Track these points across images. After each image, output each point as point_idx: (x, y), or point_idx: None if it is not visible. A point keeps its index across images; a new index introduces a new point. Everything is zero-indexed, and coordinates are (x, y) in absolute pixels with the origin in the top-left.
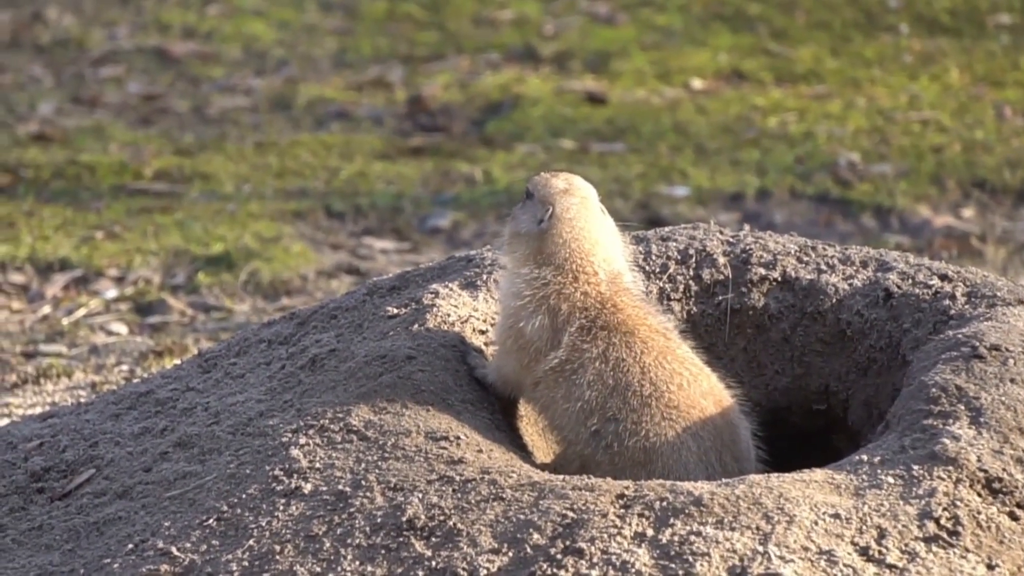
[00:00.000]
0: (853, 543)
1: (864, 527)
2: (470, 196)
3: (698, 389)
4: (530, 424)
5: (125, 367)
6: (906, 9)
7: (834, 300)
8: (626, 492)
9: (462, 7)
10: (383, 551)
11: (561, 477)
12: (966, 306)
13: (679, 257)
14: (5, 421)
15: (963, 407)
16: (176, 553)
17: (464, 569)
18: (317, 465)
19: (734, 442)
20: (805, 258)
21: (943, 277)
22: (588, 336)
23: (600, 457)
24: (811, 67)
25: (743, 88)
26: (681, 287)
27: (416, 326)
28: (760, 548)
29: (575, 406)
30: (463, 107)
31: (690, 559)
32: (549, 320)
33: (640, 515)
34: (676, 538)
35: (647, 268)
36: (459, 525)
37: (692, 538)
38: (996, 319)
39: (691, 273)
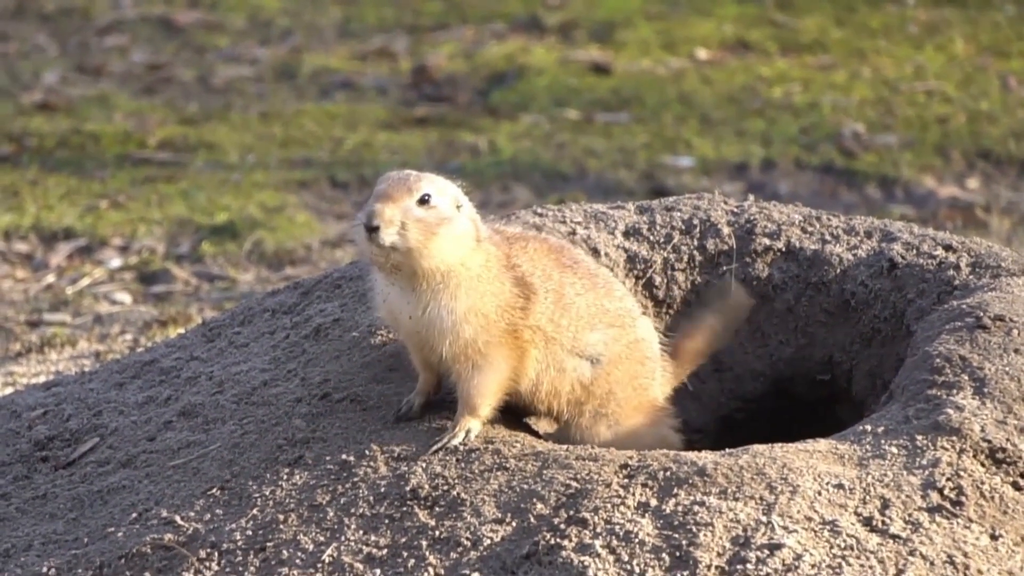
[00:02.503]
0: (856, 513)
1: (867, 497)
2: (475, 166)
3: None
4: None
5: (129, 336)
6: None
7: (838, 270)
8: (629, 462)
9: None
10: (387, 520)
11: (564, 447)
12: (970, 276)
13: (683, 227)
14: (9, 390)
15: (967, 377)
16: (180, 522)
17: (467, 539)
18: (320, 435)
19: None
20: (809, 228)
21: (947, 248)
22: (541, 273)
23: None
24: (816, 37)
25: (748, 58)
26: (685, 257)
27: None
28: (763, 518)
29: (574, 325)
30: (468, 77)
31: (693, 529)
32: (517, 277)
33: (643, 485)
34: (679, 508)
35: (651, 238)
36: (463, 495)
37: (695, 508)
38: (1000, 289)
39: (695, 243)
